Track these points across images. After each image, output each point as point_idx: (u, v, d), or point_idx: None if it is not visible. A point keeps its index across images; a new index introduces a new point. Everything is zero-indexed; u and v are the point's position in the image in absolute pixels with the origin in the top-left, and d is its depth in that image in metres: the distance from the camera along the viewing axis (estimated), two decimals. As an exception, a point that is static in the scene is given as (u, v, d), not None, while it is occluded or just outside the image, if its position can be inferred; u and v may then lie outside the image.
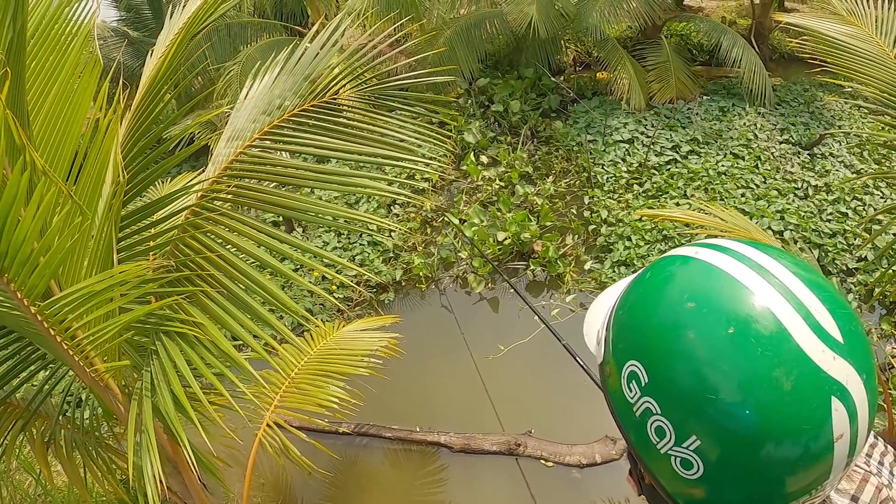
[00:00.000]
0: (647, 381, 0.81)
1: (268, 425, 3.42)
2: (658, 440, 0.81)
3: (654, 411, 0.80)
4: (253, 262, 2.35)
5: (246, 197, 2.36)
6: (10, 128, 1.66)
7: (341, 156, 2.49)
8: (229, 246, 2.32)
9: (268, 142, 2.43)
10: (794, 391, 0.71)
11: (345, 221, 3.72)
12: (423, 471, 4.80)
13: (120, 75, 2.19)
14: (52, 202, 1.76)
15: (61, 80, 2.11)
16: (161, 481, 2.11)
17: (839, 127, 8.05)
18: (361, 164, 4.99)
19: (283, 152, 2.53)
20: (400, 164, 2.58)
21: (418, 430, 4.95)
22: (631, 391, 0.83)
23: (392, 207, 7.12)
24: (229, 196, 2.33)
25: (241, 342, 2.31)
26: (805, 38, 3.48)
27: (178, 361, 2.14)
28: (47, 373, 2.65)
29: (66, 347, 2.08)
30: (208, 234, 2.29)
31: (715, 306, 0.77)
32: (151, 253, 2.41)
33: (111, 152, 2.12)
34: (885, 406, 3.55)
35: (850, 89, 3.40)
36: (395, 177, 6.78)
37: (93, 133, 2.08)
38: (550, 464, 4.66)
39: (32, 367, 2.52)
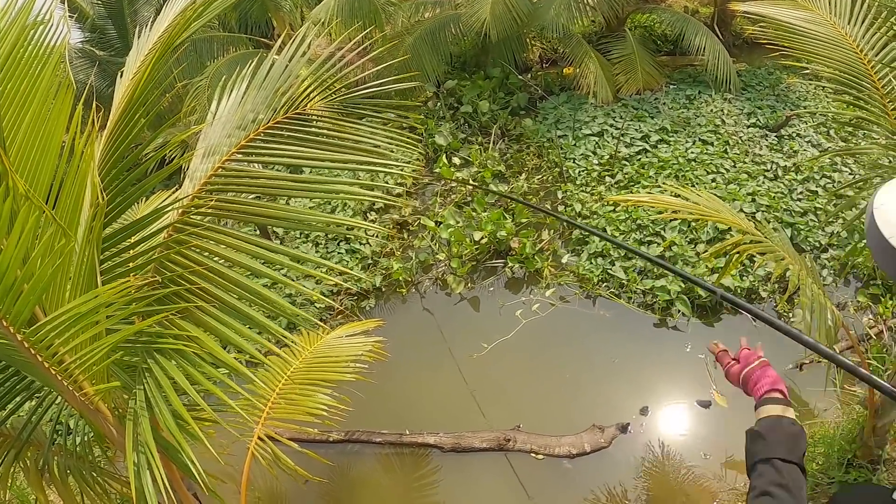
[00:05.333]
0: None
1: (259, 438, 3.43)
2: None
3: None
4: (244, 272, 2.38)
5: (228, 210, 2.39)
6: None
7: (317, 164, 2.53)
8: (216, 258, 2.35)
9: (243, 155, 2.46)
10: None
11: (326, 226, 3.75)
12: (416, 473, 4.84)
13: (93, 98, 2.20)
14: (34, 228, 1.78)
15: (35, 105, 2.12)
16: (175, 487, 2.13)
17: (804, 108, 8.19)
18: (336, 173, 5.02)
19: (259, 165, 2.56)
20: (373, 168, 2.62)
21: (408, 432, 4.98)
22: None
23: (368, 214, 7.15)
24: (210, 210, 2.36)
25: (233, 353, 2.34)
26: (762, 24, 3.57)
27: (176, 377, 2.16)
28: (33, 403, 2.65)
29: (54, 373, 2.09)
30: (193, 248, 2.31)
31: None
32: (133, 274, 2.42)
33: (88, 175, 2.14)
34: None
35: (809, 71, 3.48)
36: (371, 181, 6.84)
37: (69, 157, 2.09)
38: (541, 456, 4.72)
39: (18, 399, 2.52)
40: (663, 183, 6.89)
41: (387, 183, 7.19)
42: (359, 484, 4.83)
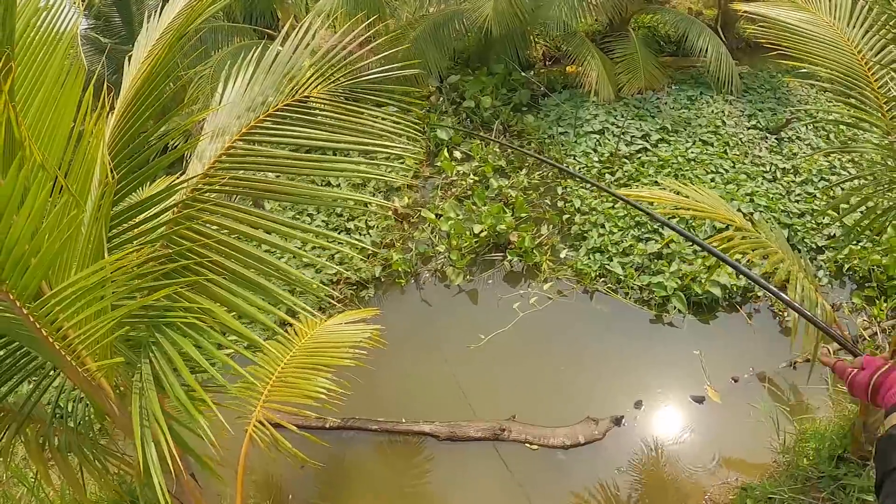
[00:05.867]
0: None
1: (258, 420, 3.48)
2: None
3: None
4: (253, 245, 2.44)
5: (238, 186, 2.45)
6: (10, 121, 1.72)
7: (324, 145, 2.59)
8: (228, 231, 2.40)
9: (256, 135, 2.52)
10: None
11: (333, 201, 3.81)
12: (411, 461, 4.89)
13: (104, 81, 2.24)
14: (44, 202, 1.82)
15: (46, 85, 2.17)
16: (174, 464, 2.18)
17: (805, 111, 8.24)
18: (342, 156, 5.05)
19: (268, 146, 2.62)
20: (376, 150, 2.67)
21: (404, 421, 5.04)
22: None
23: (369, 205, 7.19)
24: (220, 187, 2.41)
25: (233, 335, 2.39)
26: (762, 24, 3.61)
27: (188, 349, 2.21)
28: (31, 385, 2.70)
29: (57, 348, 2.13)
30: (205, 223, 2.36)
31: None
32: (138, 250, 2.47)
33: (98, 154, 2.19)
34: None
35: (806, 70, 3.52)
36: (375, 168, 6.87)
37: (79, 137, 2.14)
38: (535, 447, 4.77)
39: (17, 377, 2.56)
40: (662, 180, 6.94)
41: (389, 170, 7.23)
42: (354, 470, 4.88)
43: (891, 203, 3.19)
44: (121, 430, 2.61)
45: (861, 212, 3.36)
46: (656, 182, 6.94)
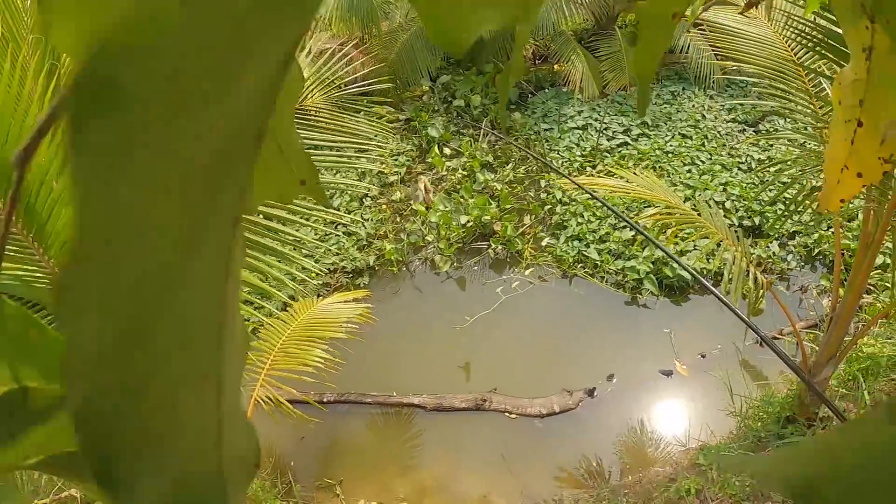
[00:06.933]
0: None
1: (262, 386, 3.91)
2: None
3: None
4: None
5: None
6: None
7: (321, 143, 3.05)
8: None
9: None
10: None
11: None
12: (402, 431, 5.31)
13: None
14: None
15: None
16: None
17: (771, 107, 8.57)
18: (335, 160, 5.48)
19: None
20: (356, 148, 3.12)
21: (395, 394, 5.46)
22: None
23: (364, 200, 7.60)
24: None
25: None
26: (701, 28, 4.02)
27: None
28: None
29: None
30: None
31: None
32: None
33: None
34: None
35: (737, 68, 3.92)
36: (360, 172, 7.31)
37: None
38: (514, 416, 5.19)
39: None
40: (608, 166, 7.31)
41: (381, 171, 7.66)
42: (350, 441, 5.29)
43: (819, 182, 3.62)
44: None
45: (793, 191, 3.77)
46: (634, 175, 7.32)
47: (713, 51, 8.56)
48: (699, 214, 3.68)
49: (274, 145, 0.63)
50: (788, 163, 3.98)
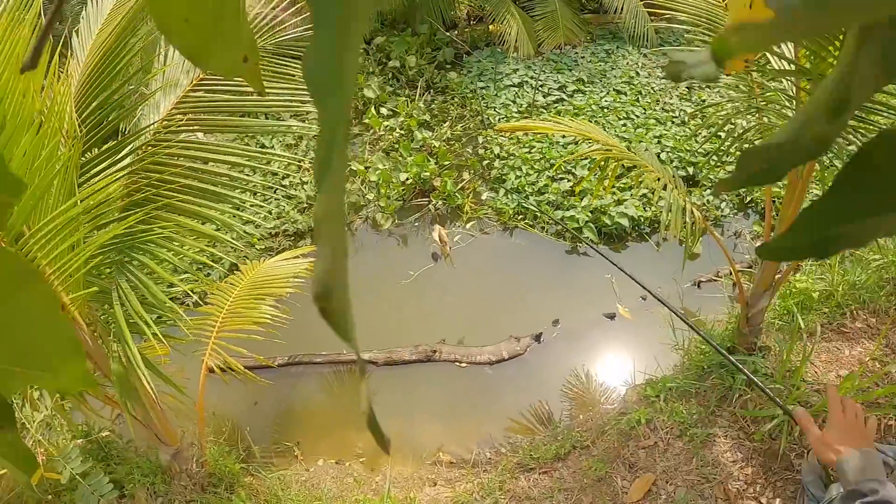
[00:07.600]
0: None
1: (213, 350, 3.87)
2: None
3: None
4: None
5: (196, 124, 2.92)
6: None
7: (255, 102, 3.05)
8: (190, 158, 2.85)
9: (204, 86, 2.98)
10: None
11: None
12: (355, 388, 5.30)
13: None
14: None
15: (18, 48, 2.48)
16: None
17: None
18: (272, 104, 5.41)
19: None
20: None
21: (345, 352, 5.45)
22: None
23: (300, 164, 7.52)
24: (181, 127, 2.87)
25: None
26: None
27: (162, 256, 2.61)
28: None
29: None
30: (174, 156, 2.80)
31: None
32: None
33: (66, 110, 2.55)
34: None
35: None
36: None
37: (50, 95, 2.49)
38: (464, 364, 5.26)
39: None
40: (545, 116, 7.41)
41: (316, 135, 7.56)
42: (304, 403, 5.27)
43: (749, 125, 3.74)
44: (92, 362, 2.97)
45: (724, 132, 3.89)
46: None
47: (643, 2, 8.81)
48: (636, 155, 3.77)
49: (228, 10, 0.62)
50: (720, 106, 4.07)
